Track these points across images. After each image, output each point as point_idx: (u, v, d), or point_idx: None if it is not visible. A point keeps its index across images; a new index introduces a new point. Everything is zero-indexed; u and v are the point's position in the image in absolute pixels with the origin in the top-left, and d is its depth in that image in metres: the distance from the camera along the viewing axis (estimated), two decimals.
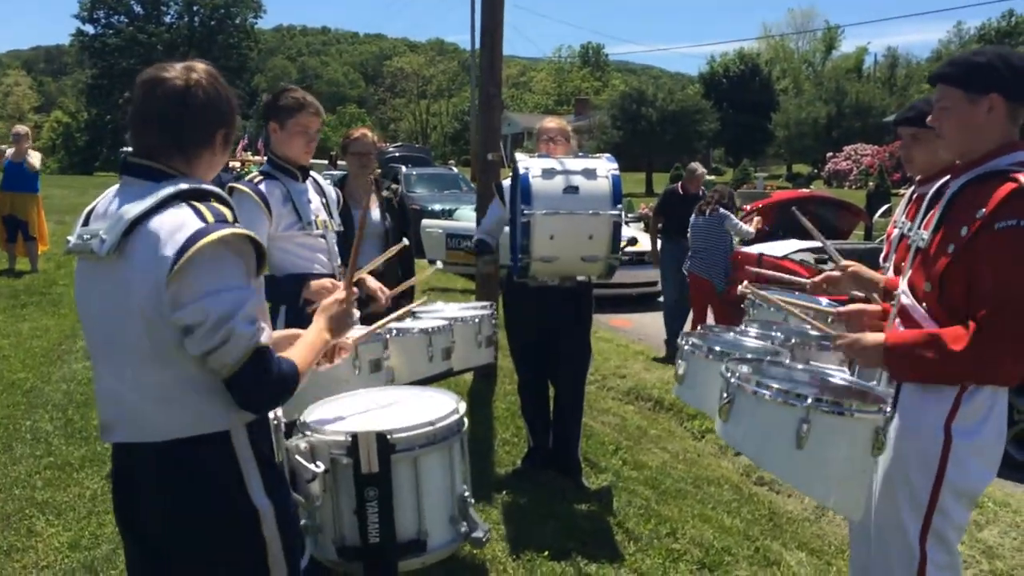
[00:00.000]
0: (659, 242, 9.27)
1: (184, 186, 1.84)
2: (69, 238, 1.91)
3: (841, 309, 3.13)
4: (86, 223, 1.91)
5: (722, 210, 8.23)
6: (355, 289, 2.41)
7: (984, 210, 2.34)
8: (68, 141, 67.27)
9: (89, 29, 65.56)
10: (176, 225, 1.76)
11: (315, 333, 2.12)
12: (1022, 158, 2.45)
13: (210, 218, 1.79)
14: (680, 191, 9.11)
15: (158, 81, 1.88)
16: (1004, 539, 4.40)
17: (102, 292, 1.84)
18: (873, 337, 2.60)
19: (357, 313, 2.31)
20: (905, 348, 2.49)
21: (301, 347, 2.04)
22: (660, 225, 9.25)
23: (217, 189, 1.91)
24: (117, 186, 1.93)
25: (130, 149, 1.93)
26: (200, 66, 1.94)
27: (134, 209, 1.78)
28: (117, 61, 61.85)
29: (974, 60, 2.50)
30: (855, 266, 3.19)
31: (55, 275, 11.06)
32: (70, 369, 6.87)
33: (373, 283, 3.80)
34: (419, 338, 3.41)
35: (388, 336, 3.29)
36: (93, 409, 5.75)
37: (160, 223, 1.76)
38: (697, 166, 9.29)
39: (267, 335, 1.83)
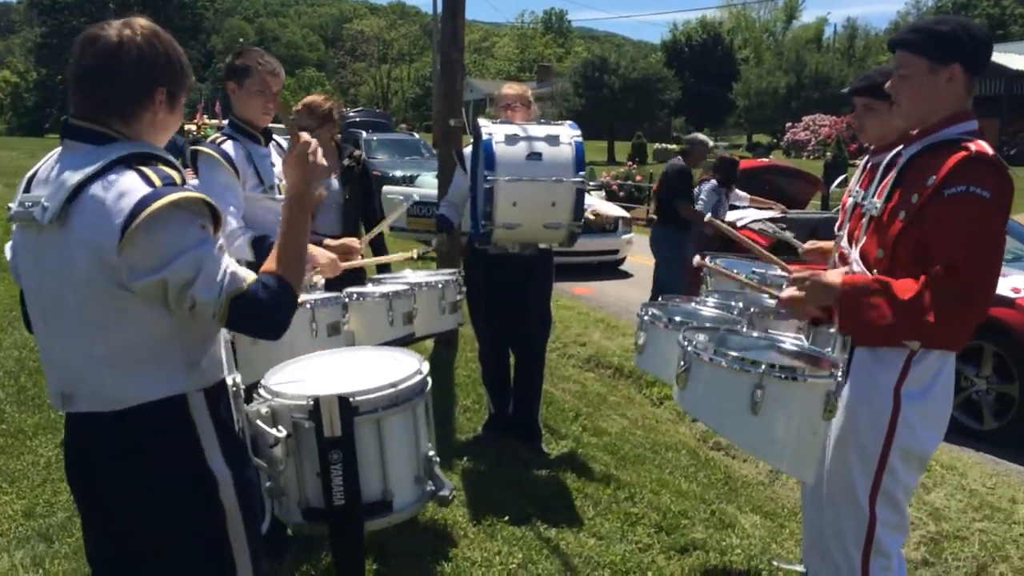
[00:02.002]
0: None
1: (127, 150, 1.78)
2: (11, 205, 1.86)
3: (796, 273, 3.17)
4: (28, 189, 1.85)
5: (706, 183, 8.22)
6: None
7: (935, 178, 2.39)
8: (16, 101, 65.25)
9: None
10: (121, 191, 1.70)
11: (283, 216, 1.97)
12: (972, 127, 2.49)
13: (157, 182, 1.73)
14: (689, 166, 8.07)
15: (92, 39, 1.82)
16: (950, 501, 4.53)
17: (46, 260, 1.79)
18: (831, 275, 2.61)
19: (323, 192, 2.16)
20: (859, 291, 2.49)
21: (274, 251, 1.92)
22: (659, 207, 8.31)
23: (163, 152, 1.85)
24: (59, 150, 1.86)
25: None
26: (139, 21, 1.87)
27: (76, 175, 1.73)
28: (67, 19, 59.78)
29: (938, 29, 2.49)
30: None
31: (3, 240, 10.79)
32: (21, 336, 6.72)
33: (334, 242, 3.74)
34: (379, 302, 3.39)
35: (348, 300, 3.27)
36: (45, 376, 5.63)
37: (104, 189, 1.71)
38: (703, 138, 8.25)
39: (238, 279, 1.77)
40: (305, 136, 2.02)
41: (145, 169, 1.76)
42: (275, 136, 3.71)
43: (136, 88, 1.83)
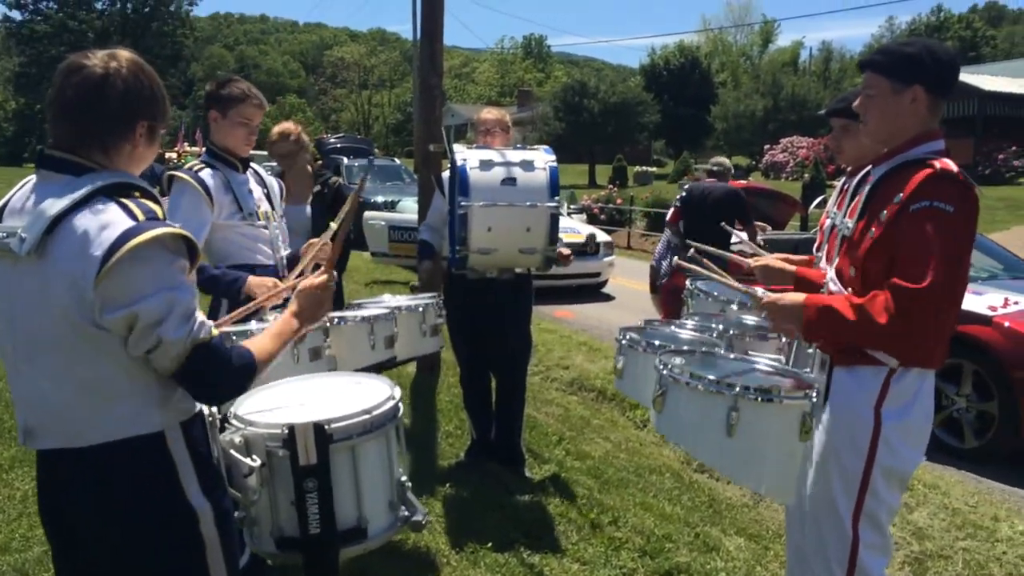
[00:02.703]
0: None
1: (107, 181, 1.76)
2: None
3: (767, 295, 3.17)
4: None
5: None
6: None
7: (901, 195, 2.43)
8: None
9: (16, 15, 63.39)
10: (103, 223, 1.68)
11: (284, 319, 2.07)
12: (938, 147, 2.54)
13: (140, 216, 1.72)
14: None
15: (76, 68, 1.81)
16: (933, 520, 4.54)
17: (22, 292, 1.75)
18: (792, 296, 2.67)
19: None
20: (823, 306, 2.54)
21: (264, 335, 2.00)
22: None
23: (143, 183, 1.84)
24: (33, 179, 1.84)
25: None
26: (124, 54, 1.86)
27: (55, 206, 1.70)
28: (46, 48, 59.69)
29: (903, 50, 2.56)
30: (765, 259, 3.28)
31: None
32: None
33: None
34: (360, 326, 3.38)
35: (329, 324, 3.26)
36: None
37: (85, 221, 1.69)
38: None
39: (207, 327, 1.76)
40: (329, 278, 2.17)
41: (127, 201, 1.74)
42: (253, 164, 3.73)
43: (119, 120, 1.82)
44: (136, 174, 1.89)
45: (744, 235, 8.89)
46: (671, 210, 8.31)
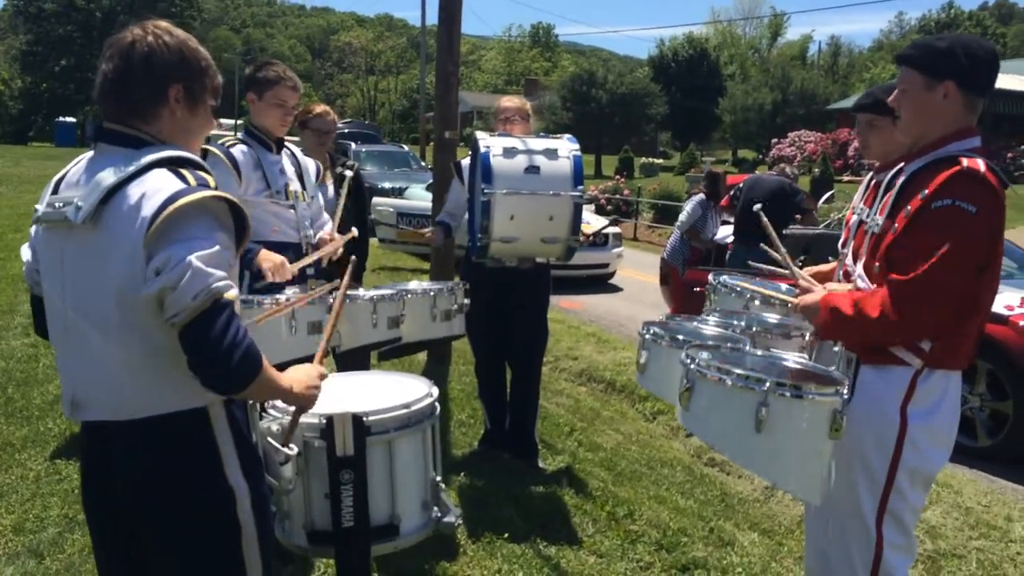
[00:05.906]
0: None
1: (163, 152, 1.78)
2: (37, 207, 1.84)
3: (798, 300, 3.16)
4: (55, 191, 1.84)
5: (694, 197, 8.30)
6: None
7: (927, 191, 2.39)
8: (0, 109, 64.81)
9: None
10: (155, 188, 1.70)
11: (283, 389, 1.90)
12: (972, 145, 2.49)
13: (192, 181, 1.74)
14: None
15: (111, 44, 1.85)
16: (947, 519, 4.53)
17: (75, 262, 1.76)
18: (811, 297, 2.70)
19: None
20: (831, 307, 2.56)
21: (275, 375, 1.86)
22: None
23: (197, 158, 1.85)
24: (90, 154, 1.86)
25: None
26: (154, 22, 1.89)
27: (112, 177, 1.72)
28: (53, 27, 59.58)
29: (935, 45, 2.51)
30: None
31: None
32: (8, 346, 6.64)
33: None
34: (363, 304, 3.36)
35: (332, 299, 3.25)
36: (34, 388, 5.56)
37: (139, 189, 1.71)
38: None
39: (233, 292, 1.71)
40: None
41: (182, 170, 1.77)
42: (290, 145, 3.85)
43: (147, 84, 1.83)
44: (193, 149, 1.90)
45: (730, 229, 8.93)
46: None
